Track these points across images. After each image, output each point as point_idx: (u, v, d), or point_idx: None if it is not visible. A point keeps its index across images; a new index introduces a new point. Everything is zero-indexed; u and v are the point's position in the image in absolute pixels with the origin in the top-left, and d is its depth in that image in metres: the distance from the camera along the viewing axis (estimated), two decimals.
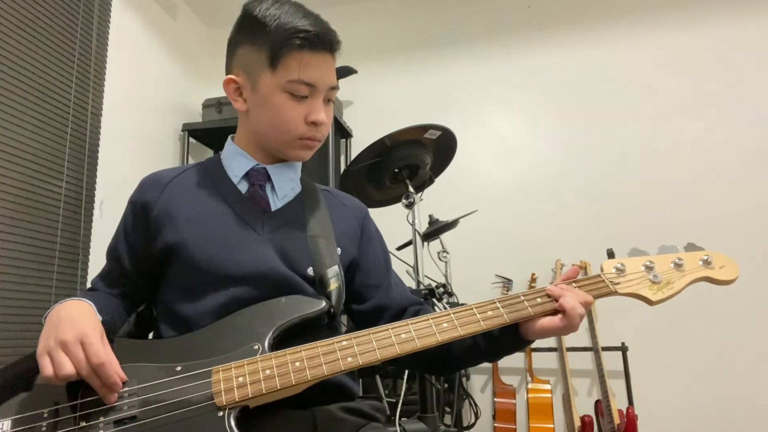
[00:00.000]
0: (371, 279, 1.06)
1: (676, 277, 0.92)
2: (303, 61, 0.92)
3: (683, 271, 0.93)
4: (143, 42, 2.81)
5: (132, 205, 1.00)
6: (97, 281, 1.02)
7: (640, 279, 0.92)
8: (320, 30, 0.93)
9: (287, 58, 0.92)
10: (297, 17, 0.92)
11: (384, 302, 1.05)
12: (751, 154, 2.60)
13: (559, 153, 2.85)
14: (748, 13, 2.73)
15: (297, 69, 0.92)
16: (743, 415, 2.39)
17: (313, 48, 0.92)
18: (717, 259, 0.93)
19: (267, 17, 0.93)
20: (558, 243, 2.72)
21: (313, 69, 0.93)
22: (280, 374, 0.79)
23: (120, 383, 0.77)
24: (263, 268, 0.92)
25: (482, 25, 3.10)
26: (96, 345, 0.77)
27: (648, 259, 0.94)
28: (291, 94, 0.93)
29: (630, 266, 0.93)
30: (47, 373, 0.75)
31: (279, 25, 0.91)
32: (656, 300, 0.91)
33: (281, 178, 1.02)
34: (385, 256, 1.12)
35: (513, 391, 2.55)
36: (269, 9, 0.93)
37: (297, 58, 0.92)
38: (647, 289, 0.91)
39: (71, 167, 2.20)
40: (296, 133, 0.95)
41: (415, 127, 1.79)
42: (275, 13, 0.93)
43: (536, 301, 0.89)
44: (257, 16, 0.94)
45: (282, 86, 0.93)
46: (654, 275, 0.92)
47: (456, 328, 0.85)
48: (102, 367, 0.76)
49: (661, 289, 0.91)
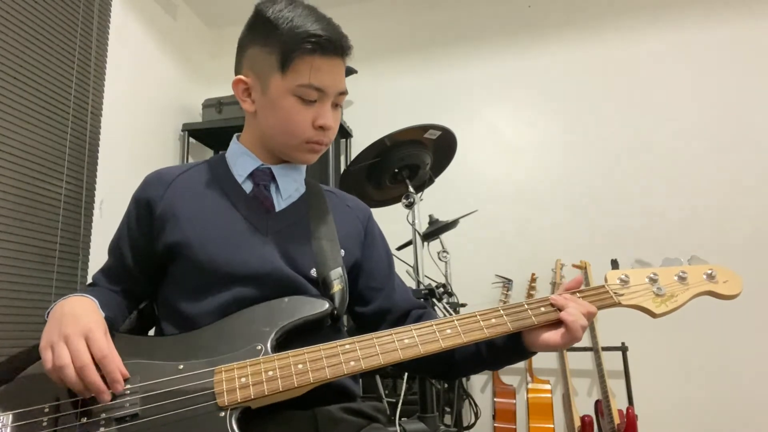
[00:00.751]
0: (374, 281, 1.06)
1: (680, 291, 0.92)
2: (314, 66, 0.92)
3: (687, 285, 0.93)
4: (143, 42, 2.81)
5: (136, 202, 0.99)
6: (98, 276, 1.01)
7: (644, 291, 0.92)
8: (332, 35, 0.92)
9: (298, 62, 0.91)
10: (309, 21, 0.92)
11: (387, 305, 1.05)
12: (755, 157, 2.60)
13: (559, 153, 2.85)
14: (751, 11, 2.73)
15: (308, 73, 0.91)
16: (743, 415, 2.39)
17: (324, 53, 0.92)
18: (721, 274, 0.93)
19: (279, 19, 0.92)
20: (558, 243, 2.72)
21: (323, 74, 0.93)
22: (283, 376, 0.79)
23: (122, 380, 0.77)
24: (266, 269, 0.91)
25: (482, 25, 3.10)
26: (100, 339, 0.77)
27: (652, 271, 0.94)
28: (300, 98, 0.93)
29: (634, 278, 0.93)
30: (48, 366, 0.76)
31: (291, 29, 0.91)
32: (659, 313, 0.91)
33: (286, 179, 1.02)
34: (389, 259, 1.12)
35: (513, 391, 2.56)
36: (282, 11, 0.93)
37: (308, 62, 0.91)
38: (651, 302, 0.91)
39: (71, 167, 2.20)
40: (303, 137, 0.95)
41: (415, 127, 1.79)
42: (288, 15, 0.92)
43: (540, 310, 0.88)
44: (270, 18, 0.93)
45: (292, 90, 0.92)
46: (658, 288, 0.92)
47: (459, 335, 0.85)
48: (105, 360, 0.76)
49: (665, 302, 0.91)
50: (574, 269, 2.62)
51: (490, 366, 0.98)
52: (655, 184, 2.69)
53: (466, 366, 0.98)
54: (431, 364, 0.95)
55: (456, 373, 1.01)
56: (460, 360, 0.97)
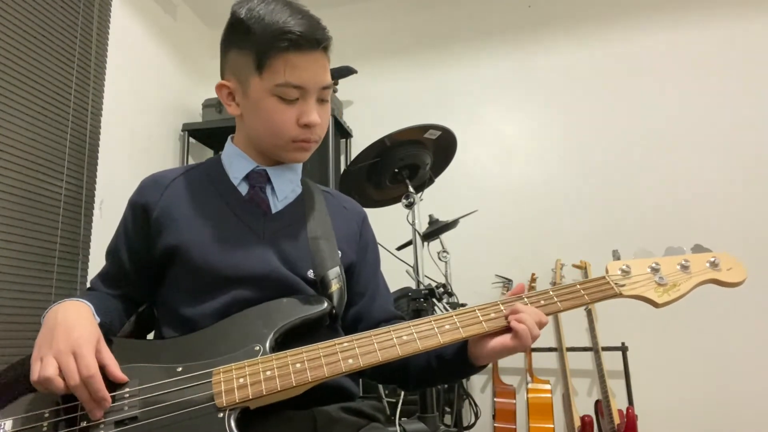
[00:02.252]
0: (359, 286, 1.05)
1: (683, 280, 0.91)
2: (289, 64, 0.89)
3: (690, 273, 0.91)
4: (143, 42, 2.81)
5: (132, 207, 0.99)
6: (96, 281, 1.01)
7: (646, 281, 0.91)
8: (305, 29, 0.89)
9: (273, 62, 0.89)
10: (282, 17, 0.89)
11: (362, 313, 1.04)
12: (754, 153, 2.59)
13: (560, 153, 2.85)
14: (755, 10, 2.73)
15: (283, 72, 0.89)
16: (743, 415, 2.39)
17: (299, 48, 0.89)
18: (724, 261, 0.92)
19: (251, 19, 0.90)
20: (558, 243, 2.72)
21: (301, 70, 0.90)
22: (281, 375, 0.79)
23: (109, 399, 0.76)
24: (264, 271, 0.91)
25: (482, 25, 3.10)
26: (87, 357, 0.76)
27: (654, 261, 0.92)
28: (280, 98, 0.92)
29: (635, 268, 0.92)
30: (33, 378, 0.75)
31: (263, 28, 0.89)
32: (662, 302, 0.89)
33: (281, 180, 1.01)
34: (376, 264, 1.12)
35: (513, 391, 2.55)
36: (253, 10, 0.91)
37: (283, 60, 0.89)
38: (653, 291, 0.90)
39: (71, 167, 2.20)
40: (289, 137, 0.94)
41: (415, 127, 1.79)
42: (259, 13, 0.90)
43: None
44: (243, 18, 0.92)
45: (270, 90, 0.91)
46: (660, 277, 0.91)
47: (458, 330, 0.84)
48: (91, 380, 0.75)
49: (668, 291, 0.89)
50: (574, 269, 2.62)
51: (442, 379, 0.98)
52: (655, 184, 2.68)
53: (421, 378, 0.98)
54: (389, 374, 0.97)
55: (414, 384, 1.00)
56: (414, 372, 0.97)
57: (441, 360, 0.93)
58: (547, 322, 0.86)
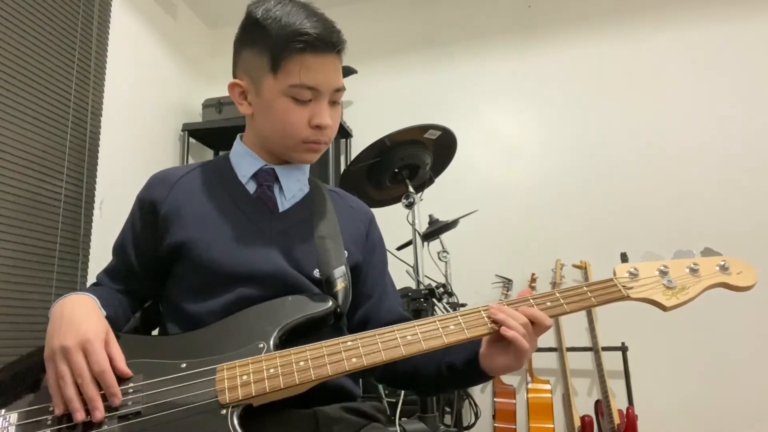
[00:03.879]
0: (367, 288, 1.05)
1: (692, 283, 0.89)
2: (304, 65, 0.90)
3: (699, 277, 0.90)
4: (143, 42, 2.81)
5: (140, 203, 0.99)
6: (102, 276, 1.02)
7: (654, 284, 0.89)
8: (321, 31, 0.90)
9: (288, 62, 0.90)
10: (299, 18, 0.90)
11: (370, 315, 1.04)
12: (754, 154, 2.60)
13: (560, 153, 2.85)
14: (755, 10, 2.73)
15: (298, 73, 0.90)
16: (743, 415, 2.39)
17: (314, 50, 0.90)
18: (734, 265, 0.91)
19: (268, 19, 0.91)
20: (558, 243, 2.72)
21: (315, 72, 0.91)
22: (284, 373, 0.79)
23: (119, 394, 0.76)
24: (270, 269, 0.92)
25: (482, 25, 3.10)
26: (98, 352, 0.77)
27: (662, 264, 0.91)
28: (294, 99, 0.92)
29: (643, 271, 0.91)
30: (51, 381, 0.76)
31: (280, 28, 0.90)
32: (670, 306, 0.88)
33: (289, 179, 1.02)
34: (383, 265, 1.12)
35: (513, 391, 2.56)
36: (270, 11, 0.92)
37: (298, 61, 0.90)
38: (661, 294, 0.88)
39: (71, 167, 2.20)
40: (300, 137, 0.94)
41: (415, 127, 1.80)
42: (276, 14, 0.91)
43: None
44: (259, 19, 0.92)
45: (284, 91, 0.91)
46: (668, 280, 0.89)
47: (463, 331, 0.84)
48: (103, 375, 0.76)
49: (676, 294, 0.88)
50: (574, 269, 2.62)
51: (455, 384, 0.98)
52: (656, 184, 2.68)
53: (432, 384, 0.99)
54: (399, 378, 0.99)
55: (425, 390, 1.03)
56: (424, 380, 0.98)
57: (452, 370, 0.93)
58: (551, 326, 0.86)
